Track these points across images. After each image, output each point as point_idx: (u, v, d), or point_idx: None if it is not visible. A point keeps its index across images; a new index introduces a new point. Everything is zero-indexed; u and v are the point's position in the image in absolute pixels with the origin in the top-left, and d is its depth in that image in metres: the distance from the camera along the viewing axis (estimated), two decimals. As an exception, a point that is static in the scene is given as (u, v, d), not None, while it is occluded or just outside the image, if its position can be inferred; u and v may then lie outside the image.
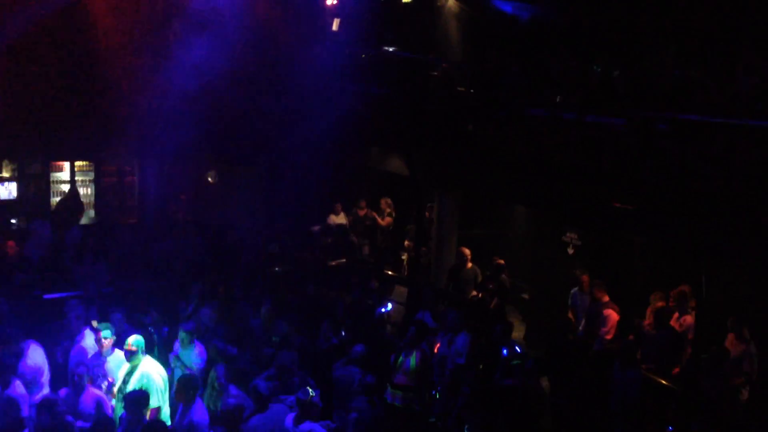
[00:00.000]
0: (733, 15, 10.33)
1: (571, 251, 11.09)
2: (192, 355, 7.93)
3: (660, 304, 9.15)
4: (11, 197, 12.76)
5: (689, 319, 9.04)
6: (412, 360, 8.10)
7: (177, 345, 8.08)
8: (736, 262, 8.71)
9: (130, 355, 7.22)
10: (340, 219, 13.62)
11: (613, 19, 11.92)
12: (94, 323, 8.21)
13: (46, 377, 7.60)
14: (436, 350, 8.78)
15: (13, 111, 11.23)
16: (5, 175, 12.76)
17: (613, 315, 9.27)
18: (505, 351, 8.20)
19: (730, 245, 8.20)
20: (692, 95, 9.28)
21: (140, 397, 6.65)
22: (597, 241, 10.91)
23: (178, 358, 7.96)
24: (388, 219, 13.59)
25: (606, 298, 9.45)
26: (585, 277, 9.91)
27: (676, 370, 8.61)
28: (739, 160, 8.08)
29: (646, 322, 9.06)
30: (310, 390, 6.88)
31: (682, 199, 8.43)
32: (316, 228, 13.39)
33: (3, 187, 12.75)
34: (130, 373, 7.15)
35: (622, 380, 7.86)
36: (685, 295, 9.15)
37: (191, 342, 7.99)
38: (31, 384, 7.32)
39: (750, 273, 8.88)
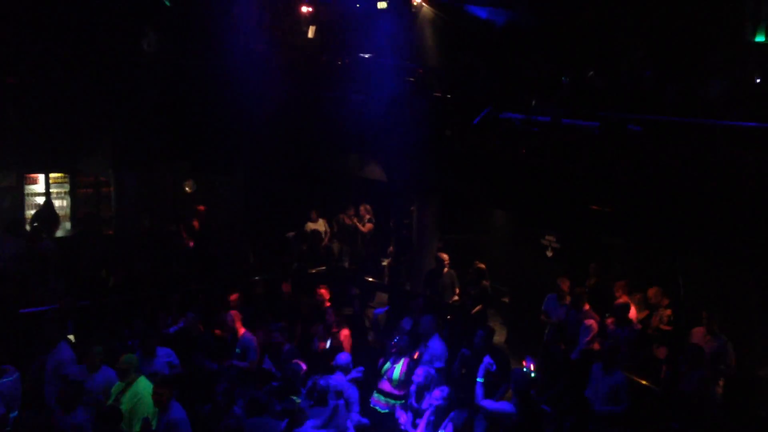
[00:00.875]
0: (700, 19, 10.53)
1: (550, 254, 11.17)
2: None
3: (620, 301, 9.23)
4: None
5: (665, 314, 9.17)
6: (398, 368, 8.08)
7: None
8: (712, 260, 8.82)
9: (122, 374, 7.15)
10: (317, 225, 13.60)
11: (586, 22, 12.08)
12: (71, 337, 8.11)
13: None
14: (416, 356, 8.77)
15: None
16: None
17: (594, 325, 9.32)
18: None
19: (706, 244, 8.31)
20: (664, 96, 9.41)
21: (110, 415, 6.56)
22: (576, 243, 11.00)
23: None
24: (368, 225, 13.60)
25: (587, 307, 9.52)
26: (565, 285, 9.94)
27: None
28: (712, 159, 8.20)
29: (609, 320, 9.14)
30: (295, 398, 6.87)
31: (658, 199, 8.53)
32: (291, 234, 13.37)
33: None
34: (122, 392, 7.08)
35: (604, 385, 7.85)
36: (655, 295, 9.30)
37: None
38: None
39: (726, 270, 9.00)
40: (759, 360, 8.71)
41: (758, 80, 10.03)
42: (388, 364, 8.19)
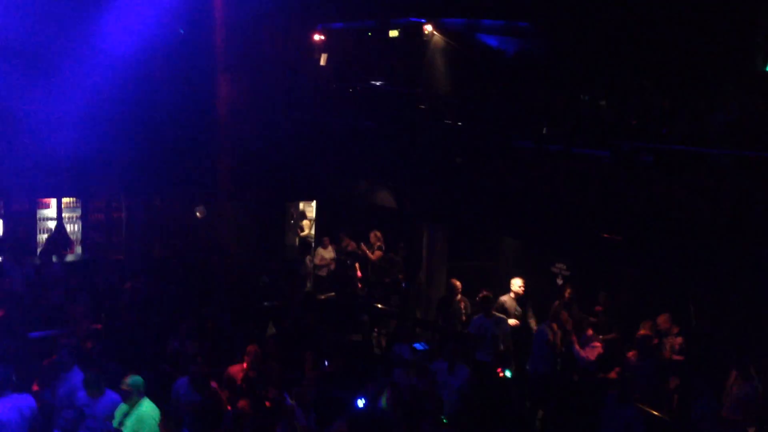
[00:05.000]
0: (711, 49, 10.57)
1: (560, 282, 11.11)
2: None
3: (642, 332, 9.14)
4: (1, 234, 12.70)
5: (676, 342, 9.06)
6: (383, 399, 8.01)
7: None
8: (722, 290, 8.74)
9: (125, 396, 7.10)
10: (328, 253, 13.61)
11: (596, 51, 12.14)
12: None
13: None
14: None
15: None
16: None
17: (599, 347, 9.25)
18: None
19: (716, 275, 8.25)
20: (675, 126, 9.42)
21: None
22: (586, 271, 10.94)
23: None
24: (378, 253, 13.58)
25: (590, 332, 9.46)
26: (564, 314, 9.87)
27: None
28: (724, 190, 8.17)
29: (630, 353, 9.03)
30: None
31: (669, 229, 8.49)
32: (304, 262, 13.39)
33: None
34: (126, 415, 7.04)
35: (618, 417, 7.73)
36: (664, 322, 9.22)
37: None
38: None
39: (735, 301, 8.92)
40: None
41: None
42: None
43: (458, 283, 11.14)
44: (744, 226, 7.82)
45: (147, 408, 7.09)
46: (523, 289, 10.46)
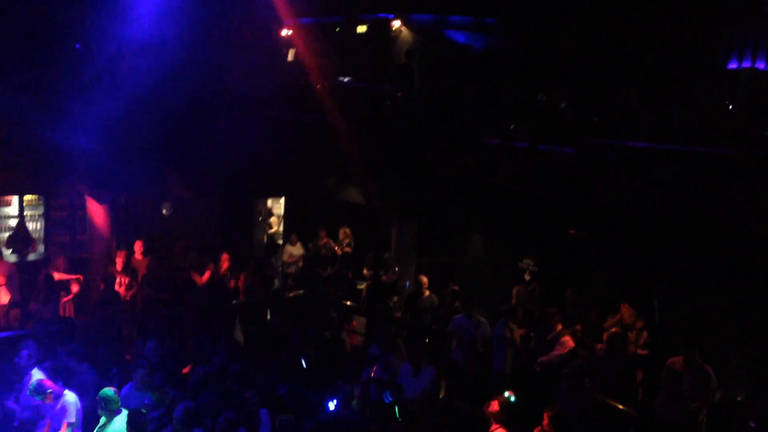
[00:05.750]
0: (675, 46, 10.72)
1: (528, 277, 11.20)
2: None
3: (614, 330, 9.26)
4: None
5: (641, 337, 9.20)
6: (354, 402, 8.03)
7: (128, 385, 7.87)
8: (687, 285, 8.90)
9: (98, 407, 7.04)
10: (296, 250, 13.55)
11: (562, 48, 12.26)
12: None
13: None
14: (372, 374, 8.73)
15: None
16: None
17: (569, 342, 9.35)
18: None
19: (681, 269, 8.39)
20: (638, 123, 9.54)
21: None
22: (554, 267, 11.05)
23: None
24: (347, 249, 13.56)
25: (560, 327, 9.55)
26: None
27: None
28: (686, 185, 8.30)
29: (599, 346, 9.15)
30: None
31: (634, 224, 8.61)
32: (271, 260, 13.29)
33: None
34: (103, 428, 6.95)
35: (572, 406, 7.84)
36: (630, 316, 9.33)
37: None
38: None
39: (701, 296, 9.08)
40: (735, 385, 8.76)
41: (730, 107, 10.22)
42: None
43: (425, 279, 11.18)
44: (705, 221, 7.95)
45: (122, 422, 6.99)
46: None
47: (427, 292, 11.10)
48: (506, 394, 7.28)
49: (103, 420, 7.04)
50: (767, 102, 9.61)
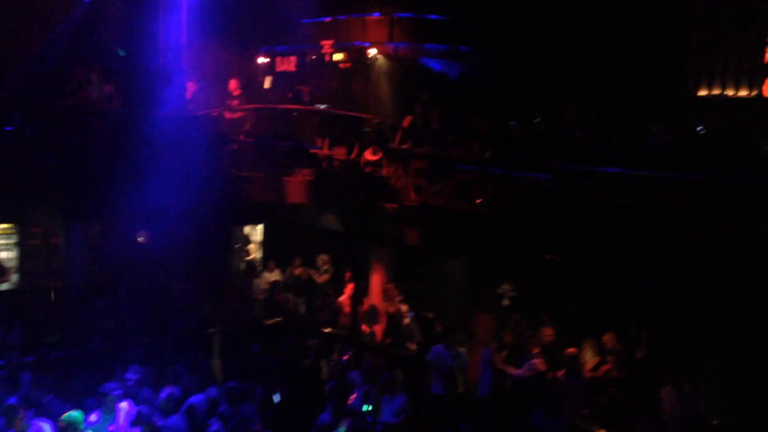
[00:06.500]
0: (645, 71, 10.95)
1: (506, 303, 11.24)
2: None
3: (569, 350, 9.30)
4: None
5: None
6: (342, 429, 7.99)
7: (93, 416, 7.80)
8: (662, 309, 9.01)
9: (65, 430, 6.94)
10: (273, 276, 13.48)
11: (533, 75, 12.46)
12: None
13: None
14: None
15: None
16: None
17: (539, 365, 9.39)
18: None
19: (655, 293, 8.50)
20: (609, 149, 9.70)
21: None
22: (532, 292, 11.10)
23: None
24: (324, 276, 13.53)
25: (536, 350, 9.60)
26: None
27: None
28: (658, 210, 8.44)
29: (559, 373, 9.18)
30: None
31: (608, 249, 8.72)
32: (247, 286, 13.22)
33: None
34: None
35: (548, 429, 7.88)
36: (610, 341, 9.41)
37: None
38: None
39: (676, 319, 9.19)
40: (710, 409, 8.83)
41: (700, 130, 10.43)
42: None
43: (405, 307, 11.18)
44: (680, 246, 8.08)
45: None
46: None
47: (406, 320, 11.09)
48: None
49: None
50: (734, 127, 9.82)
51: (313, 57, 15.23)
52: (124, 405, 8.26)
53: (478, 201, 10.36)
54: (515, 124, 10.80)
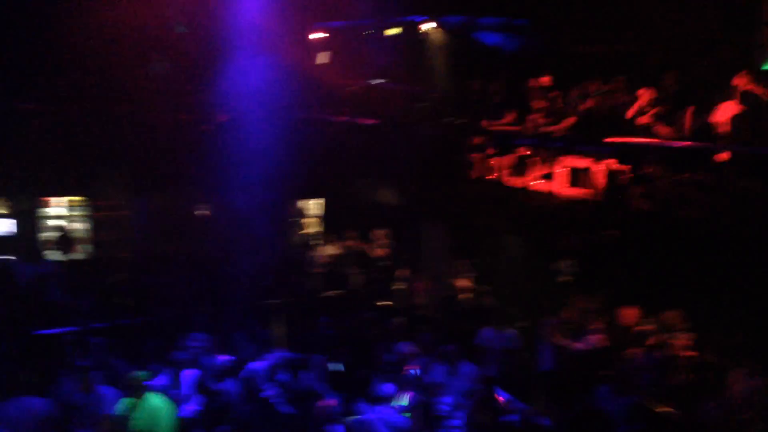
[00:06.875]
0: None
1: (564, 279, 11.18)
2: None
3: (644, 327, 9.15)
4: (10, 233, 12.78)
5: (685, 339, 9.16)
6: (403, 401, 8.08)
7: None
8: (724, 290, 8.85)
9: (132, 390, 7.22)
10: (332, 249, 13.68)
11: (592, 49, 12.24)
12: None
13: None
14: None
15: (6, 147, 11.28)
16: (2, 211, 12.79)
17: (600, 340, 9.36)
18: None
19: (720, 272, 8.37)
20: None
21: None
22: (592, 269, 11.00)
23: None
24: (381, 250, 13.66)
25: (596, 326, 9.57)
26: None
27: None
28: (726, 185, 8.28)
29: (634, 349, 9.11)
30: None
31: (671, 227, 8.61)
32: (306, 260, 13.46)
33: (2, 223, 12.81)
34: (134, 409, 7.14)
35: (612, 407, 7.84)
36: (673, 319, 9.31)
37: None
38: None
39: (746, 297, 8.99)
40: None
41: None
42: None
43: (461, 282, 11.22)
44: (749, 223, 7.92)
45: (157, 401, 7.22)
46: None
47: (462, 295, 11.15)
48: None
49: (130, 402, 7.23)
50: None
51: (368, 32, 15.24)
52: (187, 371, 8.55)
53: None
54: (577, 97, 10.65)
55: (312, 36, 15.64)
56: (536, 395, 9.15)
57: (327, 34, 15.65)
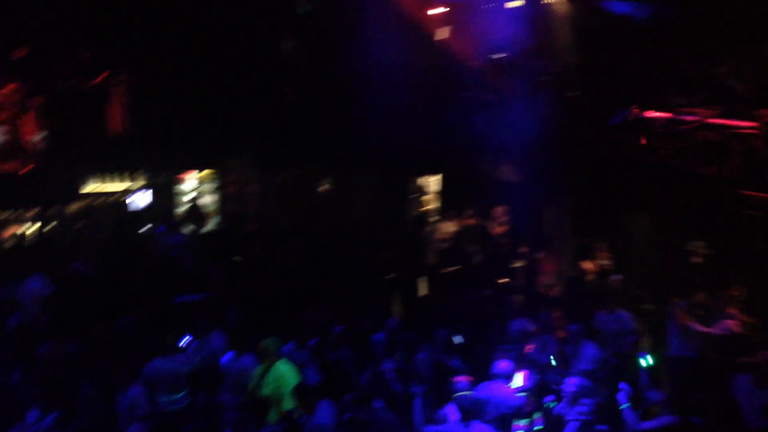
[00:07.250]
0: None
1: (696, 260, 10.61)
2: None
3: None
4: (147, 205, 13.68)
5: None
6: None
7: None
8: None
9: (262, 357, 7.55)
10: (451, 226, 13.65)
11: (737, 16, 11.40)
12: None
13: None
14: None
15: (145, 122, 11.97)
16: (142, 184, 13.68)
17: (734, 326, 8.84)
18: None
19: None
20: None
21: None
22: (727, 250, 10.39)
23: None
24: (500, 227, 13.49)
25: (730, 310, 9.04)
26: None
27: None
28: None
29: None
30: None
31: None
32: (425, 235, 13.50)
33: (141, 196, 13.69)
34: (263, 375, 7.47)
35: (753, 400, 7.39)
36: None
37: None
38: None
39: None
40: None
41: None
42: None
43: (589, 265, 10.94)
44: None
45: (285, 368, 7.51)
46: None
47: (590, 277, 10.86)
48: None
49: (261, 369, 7.52)
50: None
51: (489, 4, 14.92)
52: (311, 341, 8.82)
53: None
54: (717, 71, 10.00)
55: (432, 11, 15.52)
56: (663, 381, 8.80)
57: (447, 9, 15.48)
